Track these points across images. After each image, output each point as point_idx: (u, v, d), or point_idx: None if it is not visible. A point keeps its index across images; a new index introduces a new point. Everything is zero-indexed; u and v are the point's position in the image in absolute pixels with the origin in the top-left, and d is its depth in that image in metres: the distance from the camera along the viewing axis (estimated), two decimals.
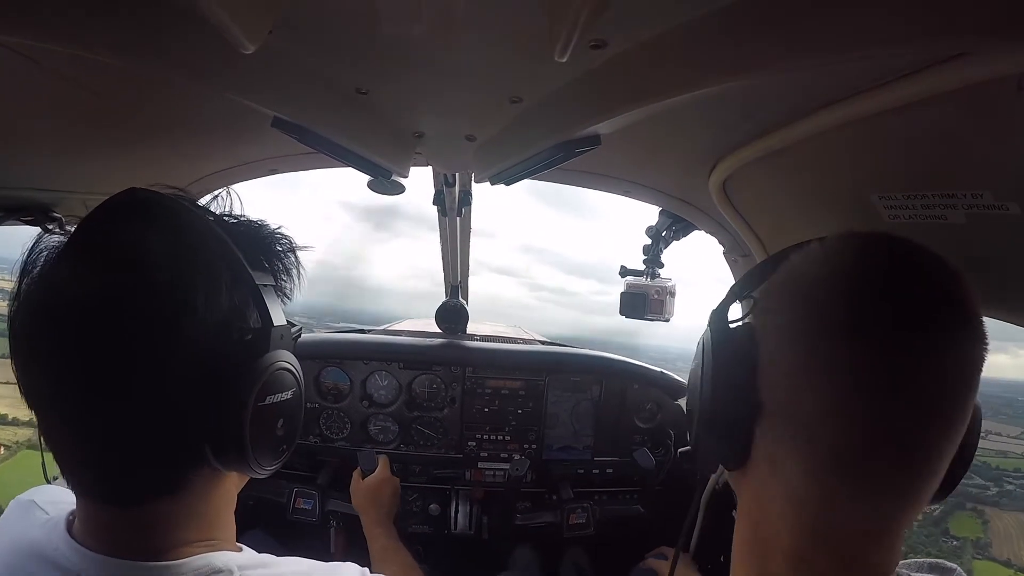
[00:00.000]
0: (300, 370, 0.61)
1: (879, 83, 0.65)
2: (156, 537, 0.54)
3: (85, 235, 0.53)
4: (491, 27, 0.71)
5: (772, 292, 0.56)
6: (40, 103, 0.84)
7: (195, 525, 0.57)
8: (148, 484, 0.53)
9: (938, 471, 0.48)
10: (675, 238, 1.64)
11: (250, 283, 0.56)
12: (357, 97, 0.95)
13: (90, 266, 0.50)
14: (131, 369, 0.49)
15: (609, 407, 2.07)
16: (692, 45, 0.67)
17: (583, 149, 0.94)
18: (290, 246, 0.64)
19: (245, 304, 0.56)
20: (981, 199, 0.67)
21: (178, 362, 0.50)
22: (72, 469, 0.53)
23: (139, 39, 0.66)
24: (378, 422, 2.04)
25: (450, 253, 2.00)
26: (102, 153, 1.10)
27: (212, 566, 0.54)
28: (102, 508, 0.54)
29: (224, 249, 0.55)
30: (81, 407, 0.49)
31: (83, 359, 0.48)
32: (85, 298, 0.48)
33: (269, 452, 0.58)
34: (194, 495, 0.56)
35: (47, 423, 0.52)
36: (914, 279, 0.48)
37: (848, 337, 0.46)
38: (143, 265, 0.50)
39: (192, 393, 0.51)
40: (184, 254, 0.52)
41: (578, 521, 1.91)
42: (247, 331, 0.56)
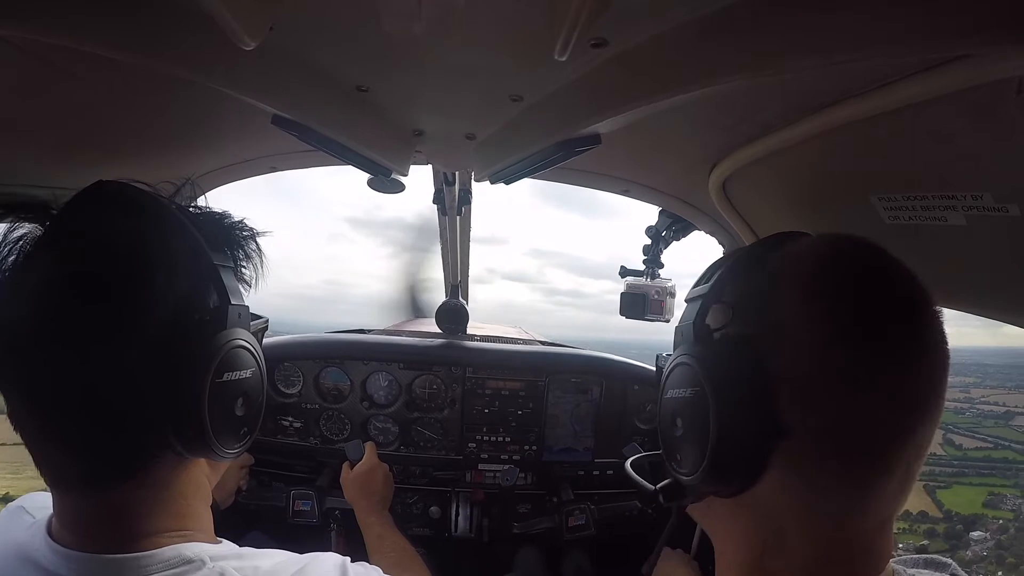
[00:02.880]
0: (260, 351, 0.62)
1: (879, 84, 0.65)
2: (125, 526, 0.54)
3: (53, 224, 0.56)
4: (491, 25, 0.71)
5: (771, 299, 0.51)
6: (40, 99, 0.84)
7: (165, 514, 0.56)
8: (113, 465, 0.53)
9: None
10: (675, 238, 1.64)
11: (208, 263, 0.57)
12: (357, 94, 0.95)
13: (54, 252, 0.52)
14: (93, 348, 0.50)
15: (609, 408, 2.06)
16: (692, 44, 0.67)
17: (583, 148, 0.94)
18: (251, 233, 0.66)
19: (204, 286, 0.58)
20: (981, 201, 0.67)
21: (138, 340, 0.51)
22: (44, 456, 0.54)
23: (140, 35, 0.66)
24: (378, 423, 2.04)
25: (450, 253, 2.00)
26: (102, 150, 1.10)
27: (183, 556, 0.54)
28: (73, 496, 0.54)
29: (184, 232, 0.57)
30: (48, 388, 0.50)
31: (48, 339, 0.49)
32: (49, 281, 0.50)
33: (230, 433, 0.58)
34: (161, 481, 0.56)
35: (18, 411, 0.52)
36: (904, 282, 0.49)
37: (863, 343, 0.46)
38: (105, 248, 0.52)
39: (152, 371, 0.51)
40: (144, 237, 0.54)
41: (577, 523, 1.91)
42: (206, 311, 0.57)
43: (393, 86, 0.93)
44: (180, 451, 0.55)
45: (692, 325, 0.56)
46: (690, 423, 0.53)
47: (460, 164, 1.33)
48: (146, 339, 0.52)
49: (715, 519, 0.59)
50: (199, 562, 0.54)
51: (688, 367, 0.53)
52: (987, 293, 0.83)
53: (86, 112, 0.92)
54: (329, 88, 0.93)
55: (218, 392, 0.55)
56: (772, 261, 0.54)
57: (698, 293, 0.58)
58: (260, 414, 0.64)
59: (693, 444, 0.52)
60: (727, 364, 0.50)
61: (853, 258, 0.51)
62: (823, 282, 0.49)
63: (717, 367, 0.50)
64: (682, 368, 0.54)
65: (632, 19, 0.67)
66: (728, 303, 0.55)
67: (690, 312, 0.58)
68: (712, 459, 0.49)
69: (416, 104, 1.01)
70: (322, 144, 0.99)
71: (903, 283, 0.49)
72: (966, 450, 29.87)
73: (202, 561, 0.54)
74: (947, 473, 27.90)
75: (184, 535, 0.57)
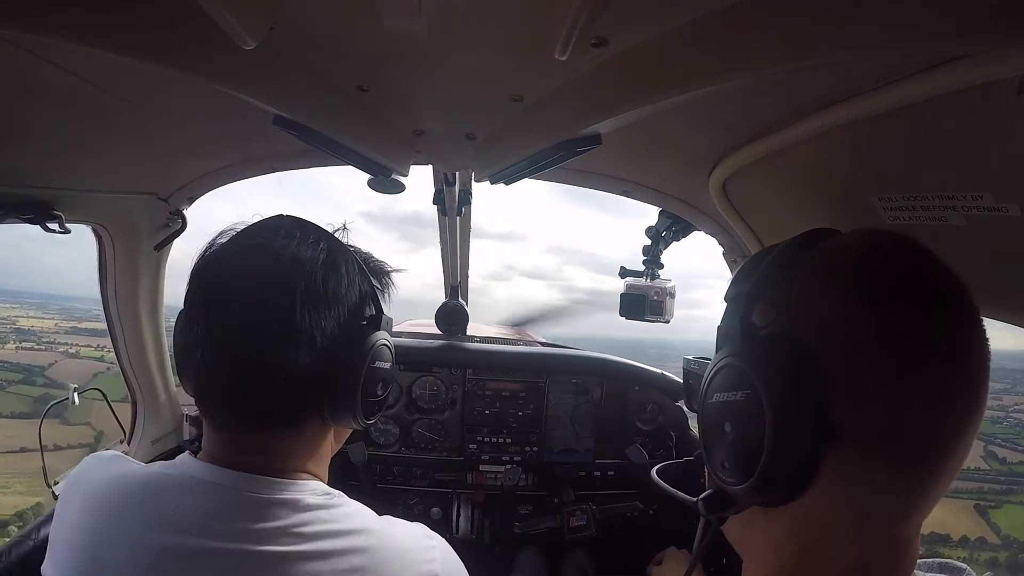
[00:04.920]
0: (394, 349, 0.80)
1: (879, 84, 0.65)
2: (278, 461, 0.68)
3: (255, 235, 0.70)
4: (492, 25, 0.71)
5: (817, 297, 0.50)
6: (41, 99, 0.84)
7: (307, 460, 0.71)
8: (281, 416, 0.68)
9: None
10: (675, 239, 1.64)
11: (370, 283, 0.75)
12: (357, 94, 0.95)
13: (263, 256, 0.67)
14: (291, 329, 0.65)
15: (610, 409, 2.06)
16: (693, 44, 0.67)
17: (584, 148, 0.93)
18: (389, 269, 0.85)
19: (365, 299, 0.75)
20: (981, 201, 0.67)
21: (322, 332, 0.67)
22: (221, 403, 0.68)
23: (140, 34, 0.66)
24: (379, 425, 2.03)
25: (450, 254, 2.00)
26: (103, 150, 1.10)
27: (324, 489, 0.69)
28: (238, 434, 0.68)
29: (353, 259, 0.74)
30: (249, 353, 0.64)
31: (259, 320, 0.64)
32: (265, 276, 0.66)
33: (369, 409, 0.74)
34: (308, 436, 0.71)
35: (208, 366, 0.66)
36: (950, 281, 0.49)
37: (915, 344, 0.45)
38: (307, 258, 0.68)
39: (326, 355, 0.67)
40: (332, 256, 0.70)
41: (578, 523, 1.91)
42: (365, 318, 0.75)
43: (393, 86, 0.93)
44: (327, 418, 0.71)
45: (739, 324, 0.53)
46: (742, 429, 0.50)
47: (460, 164, 1.33)
48: (327, 330, 0.67)
49: (750, 529, 0.57)
50: (336, 495, 0.69)
51: (738, 369, 0.50)
52: (987, 293, 0.83)
53: (87, 113, 0.92)
54: (329, 88, 0.93)
55: (369, 376, 0.72)
56: (816, 257, 0.52)
57: (740, 291, 0.55)
58: (388, 397, 0.81)
59: (745, 451, 0.49)
60: (780, 365, 0.47)
61: (900, 257, 0.50)
62: (873, 282, 0.48)
63: (771, 369, 0.48)
64: (731, 370, 0.52)
65: (633, 18, 0.67)
66: (772, 301, 0.53)
67: (732, 311, 0.56)
68: (767, 466, 0.47)
69: (416, 104, 1.01)
70: (322, 144, 0.99)
71: (950, 282, 0.48)
72: (1011, 464, 27.84)
73: (339, 495, 0.70)
74: (996, 491, 26.08)
75: (318, 477, 0.72)
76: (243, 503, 0.63)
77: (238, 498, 0.63)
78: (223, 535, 0.60)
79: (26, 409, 22.48)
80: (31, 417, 21.17)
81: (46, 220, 1.11)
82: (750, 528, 0.57)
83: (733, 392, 0.51)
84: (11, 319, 29.80)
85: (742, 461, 0.49)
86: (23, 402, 23.35)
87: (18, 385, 24.59)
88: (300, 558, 0.60)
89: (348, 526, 0.66)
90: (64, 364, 25.66)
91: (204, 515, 0.62)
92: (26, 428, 20.25)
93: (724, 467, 0.52)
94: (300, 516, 0.64)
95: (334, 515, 0.66)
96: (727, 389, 0.52)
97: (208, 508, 0.63)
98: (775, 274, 0.54)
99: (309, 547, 0.61)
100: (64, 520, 0.68)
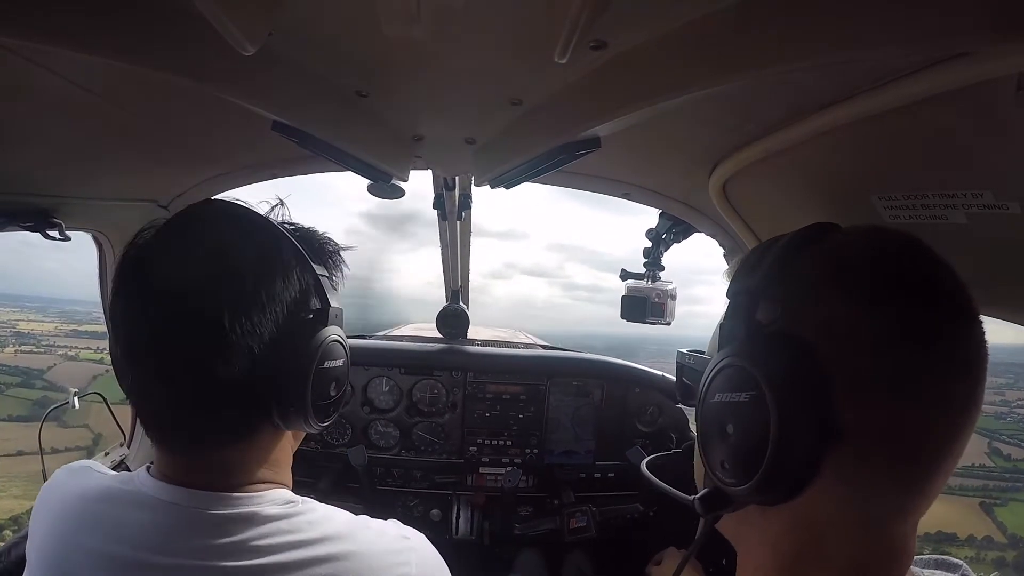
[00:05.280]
0: (347, 343, 0.74)
1: (879, 84, 0.65)
2: (232, 475, 0.65)
3: (177, 234, 0.64)
4: (491, 29, 0.71)
5: (822, 295, 0.49)
6: (41, 107, 0.84)
7: (264, 469, 0.68)
8: (230, 430, 0.64)
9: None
10: (675, 241, 1.64)
11: (312, 273, 0.68)
12: (357, 100, 0.95)
13: (188, 257, 0.61)
14: (223, 338, 0.59)
15: (610, 411, 2.06)
16: (692, 46, 0.67)
17: (583, 152, 0.94)
18: (336, 248, 0.77)
19: (308, 290, 0.68)
20: (981, 199, 0.67)
21: (260, 334, 0.61)
22: (161, 422, 0.64)
23: (139, 41, 0.66)
24: (379, 428, 2.03)
25: (450, 258, 2.00)
26: (103, 158, 1.10)
27: (286, 497, 0.66)
28: (185, 453, 0.64)
29: (291, 246, 0.67)
30: (178, 369, 0.60)
31: (183, 331, 0.59)
32: (186, 280, 0.59)
33: (322, 411, 0.69)
34: (261, 444, 0.67)
35: (145, 385, 0.63)
36: (953, 282, 0.48)
37: (918, 346, 0.46)
38: (233, 256, 0.62)
39: (268, 359, 0.61)
40: (263, 249, 0.64)
41: (579, 525, 1.90)
42: (310, 311, 0.68)
43: (393, 91, 0.94)
44: (278, 423, 0.66)
45: (743, 323, 0.52)
46: (745, 431, 0.49)
47: (460, 169, 1.33)
48: (264, 334, 0.61)
49: (746, 526, 0.57)
50: (300, 502, 0.66)
51: (742, 369, 0.49)
52: (988, 291, 0.83)
53: (87, 120, 0.92)
54: (328, 94, 0.93)
55: (319, 377, 0.67)
56: (818, 255, 0.52)
57: (742, 287, 0.54)
58: (345, 395, 0.76)
59: (747, 453, 0.49)
60: (786, 369, 0.47)
61: (902, 257, 0.50)
62: (874, 282, 0.48)
63: (777, 372, 0.47)
64: (734, 370, 0.51)
65: (632, 21, 0.67)
66: (775, 299, 0.52)
67: (735, 308, 0.54)
68: (769, 469, 0.46)
69: (416, 109, 1.01)
70: (322, 150, 0.99)
71: (951, 282, 0.48)
72: (1015, 461, 27.59)
73: (304, 501, 0.67)
74: (1000, 488, 25.83)
75: (280, 485, 0.69)
76: (200, 520, 0.61)
77: (195, 516, 0.61)
78: (183, 552, 0.59)
79: (24, 412, 22.31)
80: (29, 420, 21.01)
81: (46, 227, 1.11)
82: (746, 525, 0.57)
83: (736, 393, 0.50)
84: (11, 323, 29.66)
85: (743, 462, 0.49)
86: (21, 405, 23.17)
87: (16, 388, 24.41)
88: (261, 573, 0.59)
89: (311, 535, 0.63)
90: (63, 367, 25.51)
91: (163, 533, 0.60)
92: (24, 431, 20.09)
93: (723, 467, 0.52)
94: (258, 529, 0.61)
95: (296, 524, 0.63)
96: (730, 390, 0.51)
97: (167, 526, 0.61)
98: (778, 271, 0.53)
99: (270, 560, 0.59)
100: (36, 532, 0.67)
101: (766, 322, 0.51)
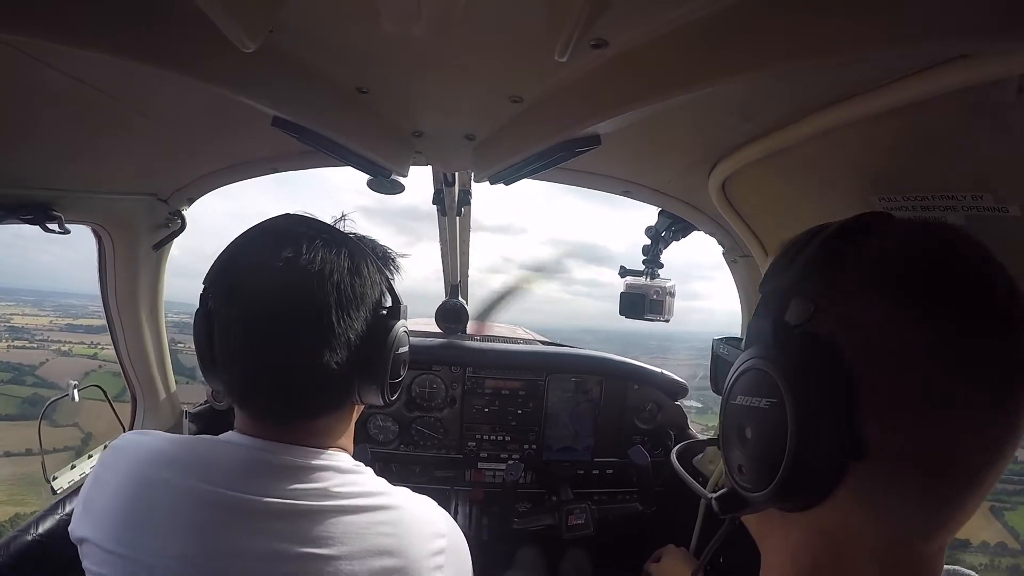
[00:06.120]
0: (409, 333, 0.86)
1: (879, 84, 0.65)
2: (320, 439, 0.76)
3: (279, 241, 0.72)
4: (491, 26, 0.71)
5: (859, 297, 0.45)
6: (41, 102, 0.84)
7: (341, 436, 0.81)
8: (327, 405, 0.76)
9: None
10: (675, 238, 1.64)
11: (385, 276, 0.81)
12: (357, 96, 0.95)
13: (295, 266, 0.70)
14: (330, 331, 0.71)
15: (609, 407, 2.07)
16: (692, 45, 0.67)
17: (583, 149, 0.93)
18: (393, 256, 0.88)
19: (384, 291, 0.81)
20: (981, 201, 0.67)
21: (356, 327, 0.73)
22: (264, 402, 0.73)
23: (140, 37, 0.66)
24: (378, 422, 2.04)
25: (449, 253, 2.00)
26: (103, 152, 1.10)
27: (352, 460, 0.77)
28: (285, 422, 0.74)
29: (370, 255, 0.79)
30: (294, 356, 0.70)
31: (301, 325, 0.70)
32: (300, 285, 0.69)
33: (394, 388, 0.83)
34: (343, 416, 0.80)
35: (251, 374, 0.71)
36: (1010, 289, 0.44)
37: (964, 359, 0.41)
38: (336, 264, 0.72)
39: (360, 346, 0.74)
40: (354, 258, 0.75)
41: (577, 522, 1.91)
42: (385, 308, 0.81)
43: (393, 88, 0.93)
44: (357, 399, 0.79)
45: (771, 322, 0.49)
46: (763, 438, 0.47)
47: (460, 165, 1.33)
48: (359, 327, 0.74)
49: (768, 527, 0.55)
50: (361, 465, 0.77)
51: (765, 375, 0.47)
52: None
53: (87, 115, 0.92)
54: (329, 90, 0.93)
55: (395, 361, 0.80)
56: (863, 252, 0.47)
57: (775, 284, 0.51)
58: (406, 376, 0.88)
59: (764, 460, 0.47)
60: (811, 375, 0.44)
61: (958, 263, 0.45)
62: (925, 290, 0.43)
63: (801, 380, 0.44)
64: (757, 374, 0.48)
65: (632, 20, 0.67)
66: (809, 296, 0.48)
67: (764, 304, 0.51)
68: (784, 479, 0.44)
69: (416, 105, 1.01)
70: (322, 145, 0.99)
71: (1007, 289, 0.43)
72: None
73: (362, 465, 0.77)
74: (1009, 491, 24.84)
75: (346, 450, 0.80)
76: (287, 467, 0.71)
77: (283, 463, 0.71)
78: (271, 492, 0.67)
79: (12, 411, 21.26)
80: (18, 419, 20.33)
81: (46, 221, 1.10)
82: (768, 525, 0.55)
83: (757, 399, 0.48)
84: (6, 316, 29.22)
85: (760, 469, 0.47)
86: (10, 403, 22.05)
87: (6, 385, 23.61)
88: (340, 511, 0.69)
89: (376, 488, 0.74)
90: (55, 363, 24.94)
91: (250, 475, 0.69)
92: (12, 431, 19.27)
93: (741, 471, 0.50)
94: (340, 478, 0.72)
95: (361, 480, 0.75)
96: (751, 394, 0.49)
97: (254, 470, 0.70)
98: (816, 266, 0.49)
99: (347, 503, 0.70)
100: (106, 482, 0.72)
101: (795, 322, 0.48)
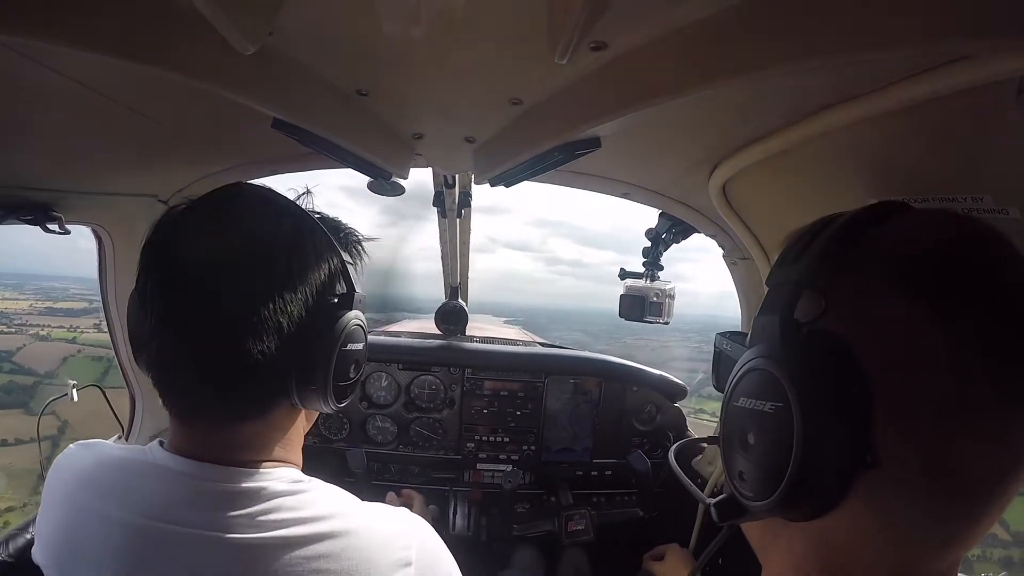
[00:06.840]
0: (367, 329, 0.76)
1: (879, 86, 0.65)
2: (245, 452, 0.66)
3: (211, 211, 0.65)
4: (491, 29, 0.71)
5: (876, 295, 0.42)
6: (41, 103, 0.84)
7: (276, 447, 0.69)
8: (250, 406, 0.66)
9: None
10: (675, 241, 1.64)
11: (340, 258, 0.71)
12: (357, 98, 0.95)
13: (224, 234, 0.62)
14: (254, 313, 0.61)
15: (608, 409, 2.07)
16: (692, 47, 0.67)
17: (583, 151, 0.93)
18: (357, 237, 0.79)
19: (335, 275, 0.70)
20: (981, 203, 0.67)
21: (290, 312, 0.63)
22: (182, 393, 0.65)
23: (140, 38, 0.66)
24: (376, 423, 2.04)
25: (450, 255, 2.00)
26: (103, 153, 1.10)
27: (294, 476, 0.67)
28: (203, 428, 0.65)
29: (321, 232, 0.69)
30: (209, 341, 0.61)
31: (218, 304, 0.60)
32: (223, 256, 0.61)
33: (340, 392, 0.71)
34: (276, 423, 0.69)
35: (165, 357, 0.63)
36: None
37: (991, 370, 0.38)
38: (269, 236, 0.64)
39: (294, 339, 0.63)
40: (296, 232, 0.66)
41: (576, 528, 1.91)
42: (335, 295, 0.71)
43: (393, 90, 0.93)
44: (296, 402, 0.68)
45: (779, 319, 0.45)
46: (766, 445, 0.44)
47: (460, 167, 1.33)
48: (294, 313, 0.63)
49: (770, 537, 0.52)
50: (307, 481, 0.67)
51: (770, 376, 0.44)
52: None
53: (87, 116, 0.92)
54: (329, 92, 0.93)
55: (341, 359, 0.69)
56: (880, 245, 0.44)
57: (784, 277, 0.47)
58: (360, 378, 0.78)
59: (766, 469, 0.44)
60: (821, 378, 0.41)
61: (987, 259, 0.41)
62: (951, 289, 0.40)
63: (810, 383, 0.41)
64: (761, 376, 0.45)
65: (632, 22, 0.67)
66: (821, 291, 0.44)
67: (771, 299, 0.48)
68: (788, 490, 0.41)
69: (416, 108, 1.01)
70: (322, 148, 0.99)
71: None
72: None
73: (310, 481, 0.68)
74: None
75: (288, 465, 0.70)
76: (210, 492, 0.62)
77: (204, 488, 0.62)
78: (192, 522, 0.60)
79: None
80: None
81: (46, 221, 1.10)
82: (770, 534, 0.52)
83: (761, 402, 0.45)
84: None
85: (761, 478, 0.44)
86: None
87: None
88: (265, 546, 0.60)
89: (315, 512, 0.63)
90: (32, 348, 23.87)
91: (171, 502, 0.61)
92: None
93: (742, 478, 0.47)
94: (263, 505, 0.62)
95: (301, 501, 0.64)
96: (755, 396, 0.46)
97: (175, 495, 0.62)
98: (829, 258, 0.45)
99: (273, 535, 0.60)
100: (49, 505, 0.68)
101: (804, 319, 0.45)
